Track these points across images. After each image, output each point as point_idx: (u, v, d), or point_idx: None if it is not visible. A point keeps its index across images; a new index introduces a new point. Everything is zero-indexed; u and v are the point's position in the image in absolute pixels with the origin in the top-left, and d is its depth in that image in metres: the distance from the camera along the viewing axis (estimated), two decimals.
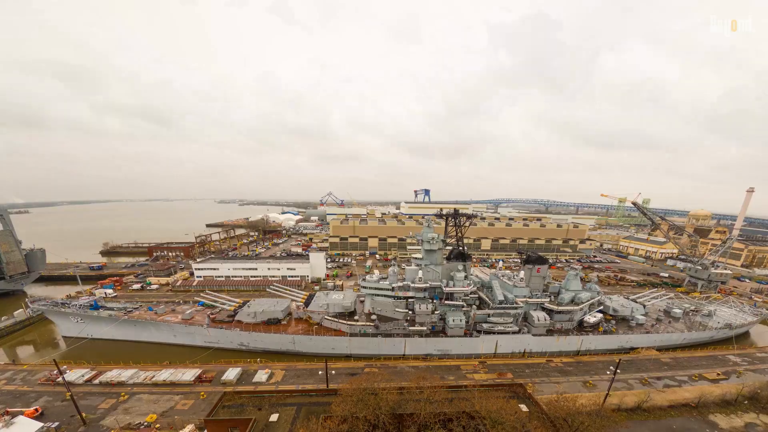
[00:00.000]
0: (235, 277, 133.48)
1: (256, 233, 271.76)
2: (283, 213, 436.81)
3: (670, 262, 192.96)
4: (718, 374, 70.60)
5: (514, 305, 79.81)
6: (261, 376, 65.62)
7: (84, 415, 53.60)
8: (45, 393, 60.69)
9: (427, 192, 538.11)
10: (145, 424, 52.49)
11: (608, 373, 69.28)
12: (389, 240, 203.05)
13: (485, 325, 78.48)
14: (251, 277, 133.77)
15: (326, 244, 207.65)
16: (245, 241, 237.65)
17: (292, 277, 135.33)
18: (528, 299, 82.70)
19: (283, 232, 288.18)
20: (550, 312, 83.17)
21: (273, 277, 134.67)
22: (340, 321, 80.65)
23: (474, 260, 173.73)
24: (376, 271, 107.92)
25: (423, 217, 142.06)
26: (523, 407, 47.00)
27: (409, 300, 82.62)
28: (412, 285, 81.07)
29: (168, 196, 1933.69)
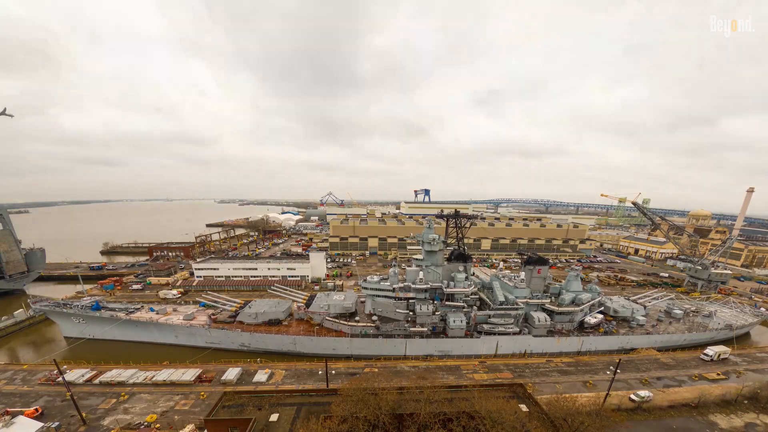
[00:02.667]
0: (235, 277, 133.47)
1: (256, 233, 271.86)
2: (283, 213, 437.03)
3: (670, 262, 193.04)
4: (718, 374, 70.64)
5: (515, 306, 79.85)
6: (261, 376, 65.68)
7: (84, 415, 53.63)
8: (45, 393, 60.68)
9: (427, 192, 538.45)
10: (145, 424, 52.49)
11: (608, 373, 69.36)
12: (389, 240, 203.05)
13: (486, 326, 78.47)
14: (251, 277, 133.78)
15: (326, 244, 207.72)
16: (245, 241, 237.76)
17: (292, 277, 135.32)
18: (528, 300, 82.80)
19: (283, 232, 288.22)
20: (550, 313, 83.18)
21: (273, 277, 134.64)
22: (341, 322, 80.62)
23: (474, 260, 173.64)
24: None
25: (423, 218, 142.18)
26: (523, 407, 46.94)
27: (410, 301, 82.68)
28: (413, 286, 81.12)
29: (168, 196, 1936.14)
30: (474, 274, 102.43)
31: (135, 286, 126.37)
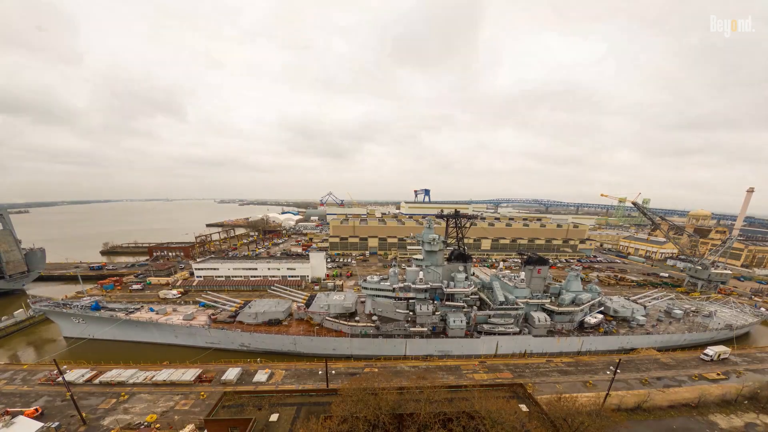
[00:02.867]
0: (235, 277, 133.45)
1: (256, 233, 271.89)
2: (283, 213, 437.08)
3: (670, 262, 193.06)
4: (718, 374, 70.64)
5: (515, 306, 79.83)
6: (261, 376, 65.68)
7: (84, 415, 53.61)
8: (45, 393, 60.68)
9: (427, 192, 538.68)
10: (145, 424, 52.49)
11: (608, 373, 69.35)
12: (389, 240, 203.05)
13: (486, 326, 78.47)
14: (251, 277, 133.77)
15: (326, 244, 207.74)
16: (245, 241, 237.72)
17: (292, 277, 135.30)
18: (529, 300, 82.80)
19: (283, 232, 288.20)
20: (550, 313, 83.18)
21: (273, 277, 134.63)
22: (341, 322, 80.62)
23: (474, 260, 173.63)
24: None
25: (423, 218, 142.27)
26: (523, 407, 46.92)
27: (410, 301, 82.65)
28: (413, 286, 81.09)
29: (168, 196, 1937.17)
30: (474, 274, 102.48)
31: (135, 286, 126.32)
